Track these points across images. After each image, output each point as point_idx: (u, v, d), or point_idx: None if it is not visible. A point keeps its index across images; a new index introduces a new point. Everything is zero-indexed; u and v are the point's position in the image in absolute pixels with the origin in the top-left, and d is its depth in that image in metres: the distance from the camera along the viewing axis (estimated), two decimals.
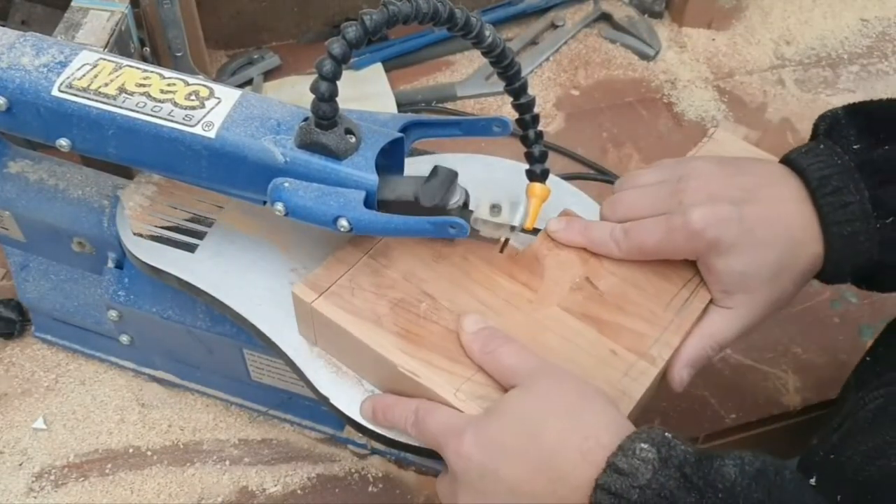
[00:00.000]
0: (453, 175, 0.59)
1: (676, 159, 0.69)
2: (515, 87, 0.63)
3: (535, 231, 0.66)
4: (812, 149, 0.63)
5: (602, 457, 0.50)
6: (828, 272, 0.63)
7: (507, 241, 0.65)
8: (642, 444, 0.50)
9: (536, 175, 0.67)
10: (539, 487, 0.52)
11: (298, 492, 0.80)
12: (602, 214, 0.68)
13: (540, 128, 0.66)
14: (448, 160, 0.64)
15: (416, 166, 0.65)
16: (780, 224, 0.61)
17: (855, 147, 0.62)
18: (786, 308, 0.66)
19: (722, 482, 0.48)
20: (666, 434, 0.51)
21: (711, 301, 0.64)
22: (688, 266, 0.65)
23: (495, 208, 0.61)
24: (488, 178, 0.73)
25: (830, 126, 0.64)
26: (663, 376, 0.63)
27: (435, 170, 0.59)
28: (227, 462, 0.81)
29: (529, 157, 0.67)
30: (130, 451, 0.82)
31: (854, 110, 0.65)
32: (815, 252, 0.61)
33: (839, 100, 1.15)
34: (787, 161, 0.64)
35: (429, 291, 0.63)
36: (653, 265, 0.65)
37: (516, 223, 0.62)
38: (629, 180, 0.68)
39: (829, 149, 0.62)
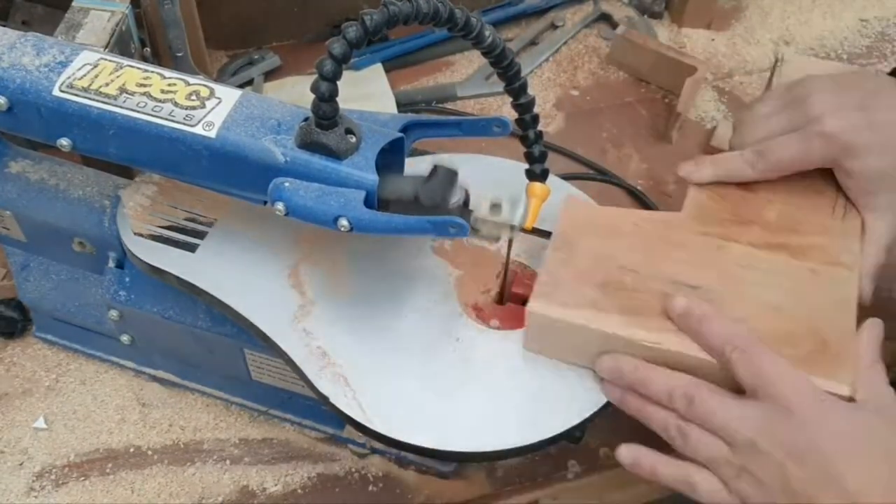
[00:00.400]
0: (453, 174, 0.60)
1: (786, 84, 0.71)
2: (515, 87, 0.64)
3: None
4: None
5: None
6: None
7: (511, 241, 0.65)
8: None
9: (536, 175, 0.67)
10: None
11: (299, 491, 0.80)
12: (731, 144, 0.71)
13: (540, 128, 0.66)
14: (448, 160, 0.64)
15: (416, 166, 0.65)
16: None
17: None
18: None
19: None
20: None
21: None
22: (829, 175, 0.69)
23: (495, 207, 0.61)
24: (488, 178, 0.73)
25: None
26: None
27: (435, 169, 0.59)
28: (228, 461, 0.81)
29: (529, 157, 0.67)
30: (131, 450, 0.82)
31: None
32: None
33: None
34: None
35: (625, 265, 0.65)
36: (797, 185, 0.69)
37: (516, 222, 0.62)
38: (749, 114, 0.71)
39: None
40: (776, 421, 0.55)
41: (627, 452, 0.62)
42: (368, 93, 1.09)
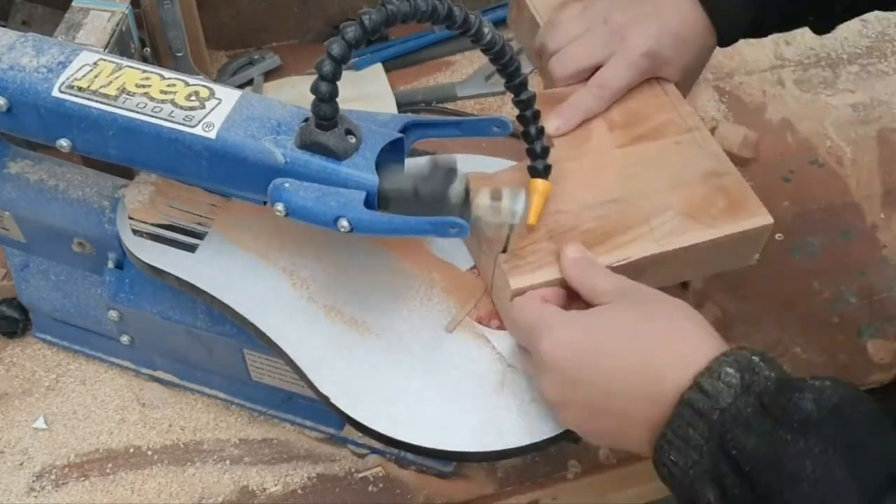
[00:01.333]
0: (453, 168, 0.59)
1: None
2: (516, 83, 0.64)
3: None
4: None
5: (692, 370, 0.53)
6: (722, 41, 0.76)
7: (509, 237, 0.65)
8: (728, 369, 0.52)
9: (538, 171, 0.67)
10: (632, 383, 0.55)
11: (299, 491, 0.80)
12: (534, 46, 0.80)
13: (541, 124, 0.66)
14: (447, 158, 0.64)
15: (415, 165, 0.65)
16: (687, 19, 0.74)
17: None
18: (787, 308, 0.70)
19: (798, 413, 0.49)
20: (753, 357, 0.53)
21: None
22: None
23: (495, 202, 0.61)
24: None
25: None
26: None
27: (434, 163, 0.59)
28: (228, 462, 0.81)
29: (531, 154, 0.67)
30: (131, 450, 0.82)
31: None
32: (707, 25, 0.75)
33: (839, 100, 1.15)
34: None
35: (555, 209, 0.68)
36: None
37: (516, 221, 0.62)
38: (555, 21, 0.79)
39: None
40: (541, 366, 0.60)
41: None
42: (368, 93, 1.09)
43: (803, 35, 1.22)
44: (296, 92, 1.08)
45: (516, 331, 0.64)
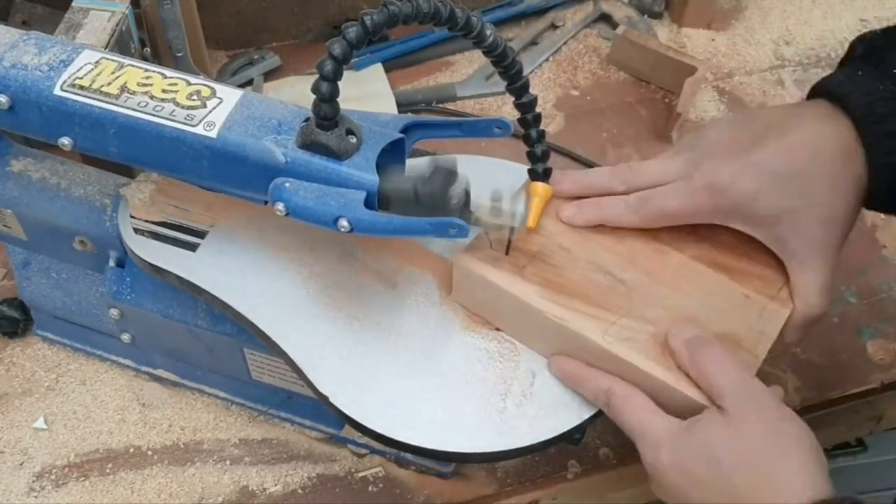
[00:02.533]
0: (453, 172, 0.59)
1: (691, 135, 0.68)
2: (517, 86, 0.64)
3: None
4: (850, 75, 0.60)
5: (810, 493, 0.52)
6: (874, 199, 0.62)
7: (511, 238, 0.65)
8: None
9: (539, 174, 0.67)
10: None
11: (299, 491, 0.80)
12: (609, 188, 0.67)
13: (541, 127, 0.66)
14: (448, 159, 0.64)
15: (416, 165, 0.65)
16: (802, 154, 0.59)
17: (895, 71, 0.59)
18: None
19: None
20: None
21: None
22: None
23: (496, 204, 0.61)
24: (488, 178, 0.73)
25: (868, 48, 0.62)
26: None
27: (435, 167, 0.59)
28: (228, 462, 0.81)
29: (531, 157, 0.67)
30: (131, 450, 0.82)
31: (890, 31, 0.62)
32: (859, 173, 0.59)
33: None
34: (821, 89, 0.62)
35: (563, 244, 0.66)
36: None
37: (517, 224, 0.62)
38: (650, 161, 0.67)
39: (869, 74, 0.59)
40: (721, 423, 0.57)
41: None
42: (369, 93, 1.09)
43: (803, 35, 1.22)
44: (296, 92, 1.08)
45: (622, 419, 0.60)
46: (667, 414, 0.59)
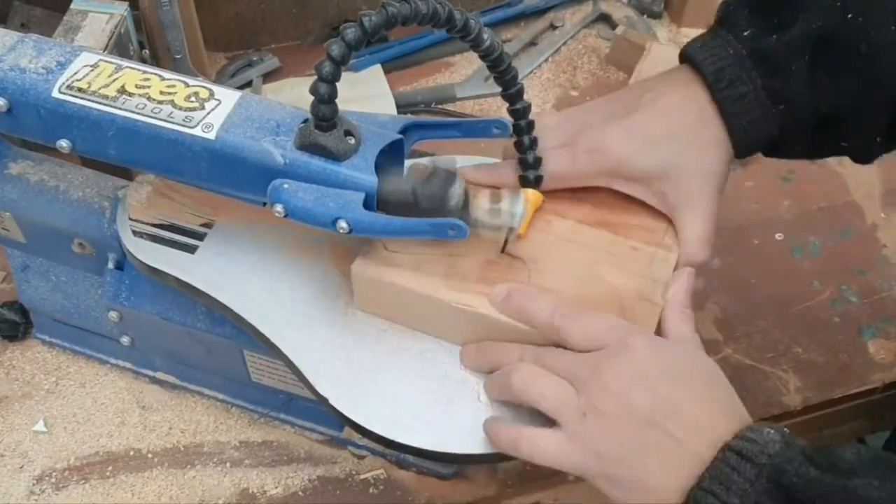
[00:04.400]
0: (452, 174, 0.59)
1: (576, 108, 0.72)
2: (511, 92, 0.64)
3: None
4: (707, 41, 0.66)
5: (734, 425, 0.54)
6: (743, 151, 0.66)
7: (506, 240, 0.65)
8: (767, 429, 0.53)
9: (530, 181, 0.67)
10: (689, 417, 0.55)
11: (299, 493, 0.79)
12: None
13: (535, 134, 0.66)
14: (447, 160, 0.64)
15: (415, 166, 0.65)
16: (670, 118, 0.65)
17: (745, 34, 0.64)
18: (787, 308, 0.67)
19: (843, 463, 0.52)
20: (784, 429, 0.54)
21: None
22: None
23: (494, 205, 0.61)
24: None
25: (724, 13, 0.67)
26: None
27: (434, 169, 0.59)
28: (228, 464, 0.81)
29: (523, 164, 0.67)
30: (131, 453, 0.82)
31: None
32: (718, 133, 0.65)
33: None
34: (684, 56, 0.67)
35: None
36: None
37: (515, 224, 0.62)
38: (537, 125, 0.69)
39: (723, 38, 0.65)
40: (621, 356, 0.57)
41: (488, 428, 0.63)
42: (368, 94, 1.09)
43: None
44: (295, 93, 1.08)
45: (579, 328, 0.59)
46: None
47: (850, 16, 0.61)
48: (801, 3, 0.63)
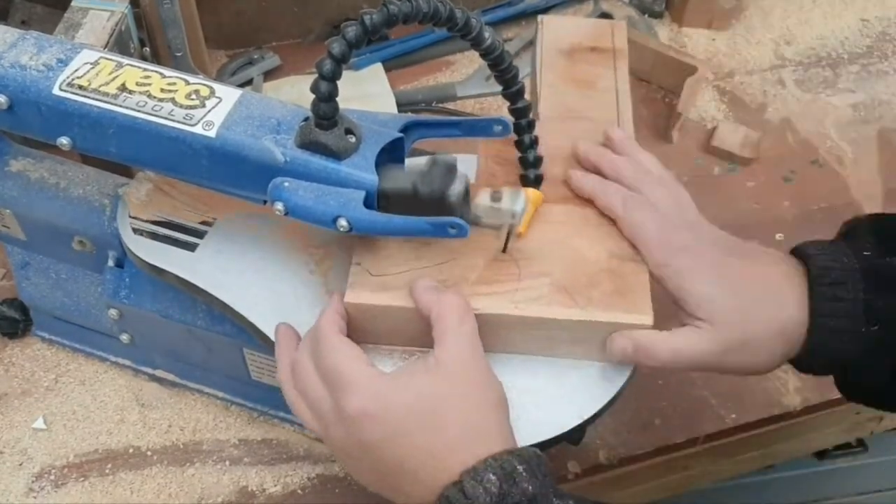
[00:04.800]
0: (452, 165, 0.59)
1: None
2: (512, 91, 0.64)
3: None
4: (825, 245, 0.63)
5: (459, 467, 0.54)
6: (803, 359, 0.63)
7: (509, 234, 0.65)
8: (490, 476, 0.53)
9: (530, 180, 0.67)
10: (408, 467, 0.56)
11: (299, 492, 0.79)
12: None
13: (535, 133, 0.66)
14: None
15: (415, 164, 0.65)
16: (764, 281, 0.61)
17: (866, 253, 0.61)
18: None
19: None
20: (518, 467, 0.54)
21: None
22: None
23: (495, 203, 0.61)
24: None
25: (850, 229, 0.65)
26: None
27: (434, 160, 0.59)
28: (227, 462, 0.81)
29: (524, 163, 0.67)
30: (130, 451, 0.82)
31: (878, 218, 0.65)
32: (797, 325, 0.61)
33: (839, 100, 1.15)
34: (795, 249, 0.64)
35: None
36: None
37: (518, 209, 0.61)
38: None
39: (840, 248, 0.62)
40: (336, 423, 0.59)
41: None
42: (368, 93, 1.09)
43: (804, 35, 1.22)
44: (295, 92, 1.08)
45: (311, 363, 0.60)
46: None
47: None
48: None
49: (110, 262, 0.76)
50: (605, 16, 1.20)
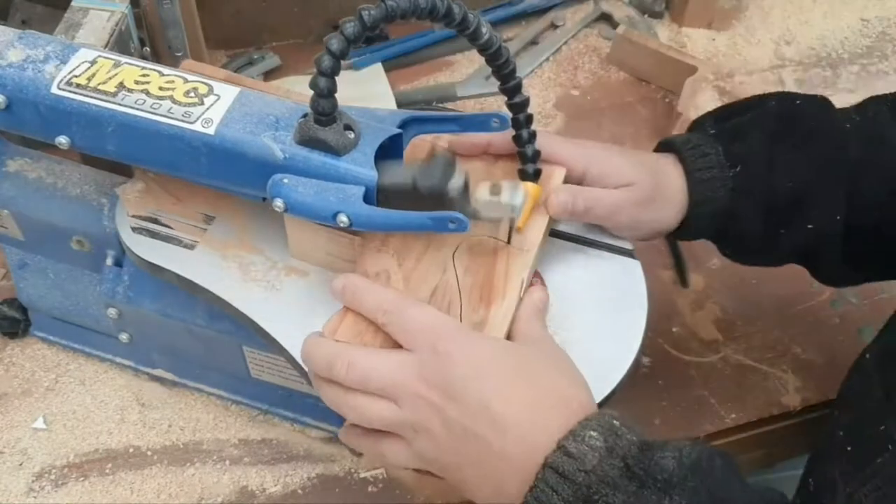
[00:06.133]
0: (451, 159, 0.59)
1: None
2: (510, 86, 0.64)
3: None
4: (678, 135, 0.76)
5: (557, 435, 0.53)
6: (691, 219, 0.72)
7: (511, 228, 0.65)
8: (591, 432, 0.53)
9: (529, 175, 0.67)
10: (503, 429, 0.54)
11: (299, 491, 0.79)
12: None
13: (535, 127, 0.66)
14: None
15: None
16: (657, 162, 0.73)
17: (712, 131, 0.74)
18: (787, 308, 0.67)
19: (661, 473, 0.51)
20: (614, 422, 0.54)
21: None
22: None
23: (494, 197, 0.61)
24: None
25: (693, 123, 0.78)
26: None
27: (433, 154, 0.59)
28: (227, 462, 0.81)
29: (522, 157, 0.67)
30: (130, 450, 0.81)
31: (713, 111, 0.79)
32: (683, 191, 0.71)
33: (839, 100, 1.14)
34: (659, 144, 0.77)
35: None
36: None
37: (517, 202, 0.61)
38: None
39: (692, 132, 0.76)
40: (428, 365, 0.56)
41: (342, 435, 0.63)
42: (369, 93, 1.09)
43: (804, 34, 1.22)
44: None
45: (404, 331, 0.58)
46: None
47: (798, 102, 0.76)
48: (757, 103, 0.77)
49: (109, 262, 0.76)
50: (606, 16, 1.21)
